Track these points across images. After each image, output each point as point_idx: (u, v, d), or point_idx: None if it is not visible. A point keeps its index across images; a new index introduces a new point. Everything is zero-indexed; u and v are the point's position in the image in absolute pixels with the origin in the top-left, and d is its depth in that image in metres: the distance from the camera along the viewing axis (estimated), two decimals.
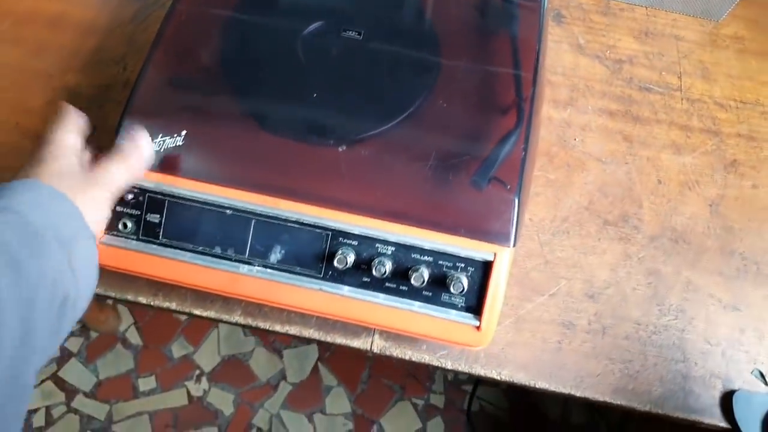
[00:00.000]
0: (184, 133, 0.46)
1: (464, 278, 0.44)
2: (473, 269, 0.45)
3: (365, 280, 0.45)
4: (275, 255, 0.46)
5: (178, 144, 0.46)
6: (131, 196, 0.46)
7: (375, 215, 0.45)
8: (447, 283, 0.44)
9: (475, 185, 0.46)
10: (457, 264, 0.45)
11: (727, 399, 0.51)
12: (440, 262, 0.45)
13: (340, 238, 0.45)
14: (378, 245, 0.45)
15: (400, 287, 0.45)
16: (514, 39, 0.53)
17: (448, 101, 0.49)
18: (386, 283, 0.45)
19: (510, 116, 0.49)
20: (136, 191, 0.46)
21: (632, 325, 0.54)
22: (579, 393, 0.51)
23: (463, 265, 0.45)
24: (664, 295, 0.55)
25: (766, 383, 0.52)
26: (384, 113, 0.48)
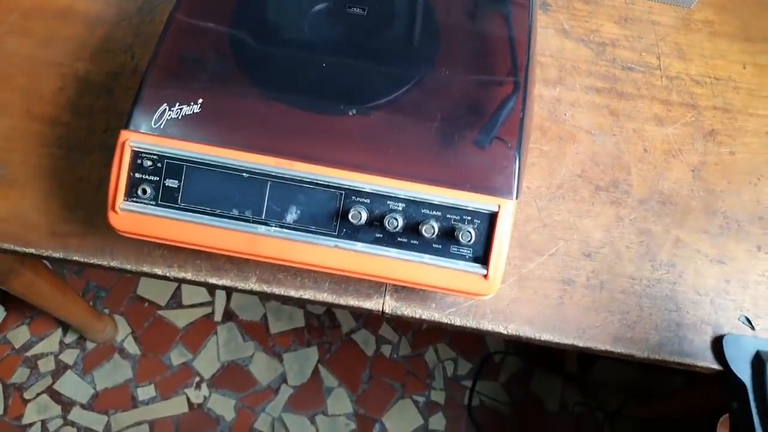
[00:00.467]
0: (201, 102, 0.49)
1: (471, 229, 0.47)
2: (479, 221, 0.47)
3: (378, 235, 0.48)
4: (291, 215, 0.48)
5: (195, 111, 0.49)
6: (150, 162, 0.48)
7: (385, 174, 0.48)
8: (455, 235, 0.47)
9: (479, 144, 0.49)
10: (464, 217, 0.47)
11: (718, 343, 0.54)
12: (448, 215, 0.48)
13: (353, 197, 0.48)
14: (389, 202, 0.48)
15: (411, 241, 0.48)
16: (508, 18, 0.57)
17: (450, 70, 0.52)
18: (398, 238, 0.48)
19: (508, 82, 0.52)
20: (154, 158, 0.48)
21: (627, 279, 0.57)
22: (581, 343, 0.54)
23: (470, 217, 0.47)
24: (656, 252, 0.58)
25: (753, 328, 0.56)
26: (391, 81, 0.51)
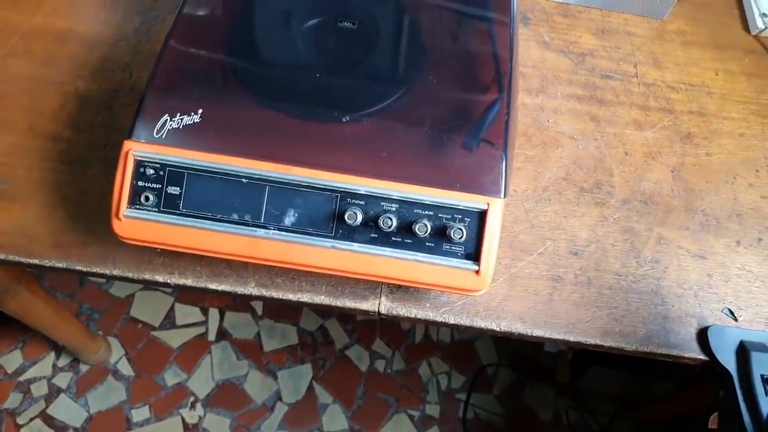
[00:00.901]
0: (201, 112, 0.51)
1: (463, 227, 0.49)
2: (470, 219, 0.50)
3: (373, 235, 0.50)
4: (289, 218, 0.50)
5: (195, 121, 0.51)
6: (152, 171, 0.50)
7: (379, 177, 0.50)
8: (447, 233, 0.49)
9: (467, 146, 0.51)
10: (455, 215, 0.50)
11: (703, 334, 0.57)
12: (440, 214, 0.50)
13: (349, 199, 0.50)
14: (383, 203, 0.50)
15: (405, 240, 0.50)
16: (491, 29, 0.60)
17: (438, 79, 0.55)
18: (393, 237, 0.50)
19: (493, 89, 0.55)
20: (157, 166, 0.50)
21: (614, 276, 0.59)
22: (572, 338, 0.56)
23: (460, 216, 0.50)
24: (640, 249, 0.61)
25: (735, 319, 0.58)
26: (382, 90, 0.54)
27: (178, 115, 0.51)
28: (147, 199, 0.50)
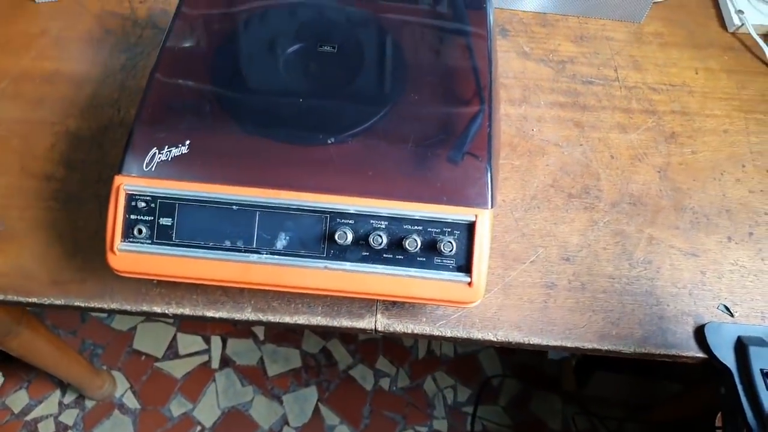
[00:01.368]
0: (188, 143, 0.52)
1: (452, 240, 0.49)
2: (459, 232, 0.50)
3: (364, 254, 0.50)
4: (281, 241, 0.51)
5: (183, 152, 0.52)
6: (144, 204, 0.51)
7: (367, 195, 0.50)
8: (437, 247, 0.50)
9: (452, 160, 0.52)
10: (444, 229, 0.50)
11: (700, 332, 0.57)
12: (429, 229, 0.50)
13: (338, 219, 0.50)
14: (372, 221, 0.50)
15: (397, 256, 0.50)
16: (469, 44, 0.61)
17: (420, 96, 0.56)
18: (384, 254, 0.50)
19: (474, 102, 0.56)
20: (148, 199, 0.51)
21: (607, 279, 0.59)
22: (569, 344, 0.56)
23: (449, 229, 0.50)
24: (632, 251, 0.61)
25: (731, 315, 0.58)
26: (365, 110, 0.55)
27: (166, 147, 0.52)
28: (140, 231, 0.51)
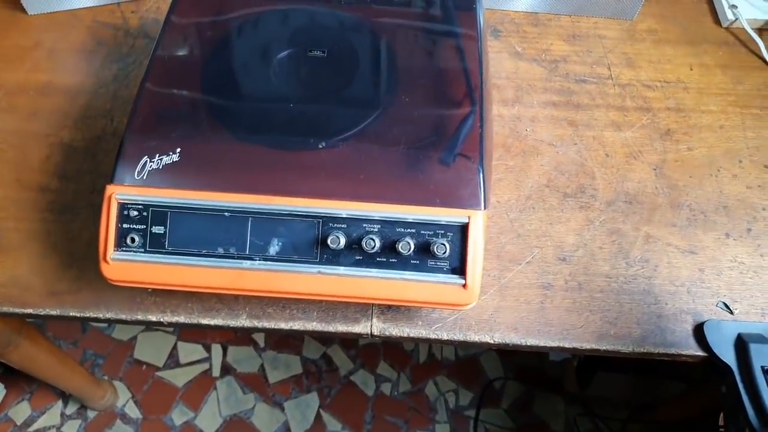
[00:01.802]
0: (179, 150, 0.52)
1: (446, 242, 0.49)
2: (452, 233, 0.50)
3: (358, 258, 0.50)
4: (274, 247, 0.50)
5: (174, 160, 0.52)
6: (136, 212, 0.51)
7: (359, 199, 0.50)
8: (431, 250, 0.49)
9: (444, 162, 0.52)
10: (438, 231, 0.50)
11: (699, 330, 0.56)
12: (422, 231, 0.50)
13: (330, 223, 0.50)
14: (365, 225, 0.50)
15: (390, 260, 0.50)
16: (459, 45, 0.61)
17: (410, 99, 0.56)
18: (377, 258, 0.50)
19: (465, 103, 0.56)
20: (140, 207, 0.51)
21: (604, 279, 0.59)
22: (567, 344, 0.56)
23: (442, 231, 0.50)
24: (628, 250, 0.61)
25: (731, 312, 0.58)
26: (356, 114, 0.54)
27: (157, 155, 0.52)
28: (133, 240, 0.51)
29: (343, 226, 0.50)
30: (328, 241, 0.49)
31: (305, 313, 0.57)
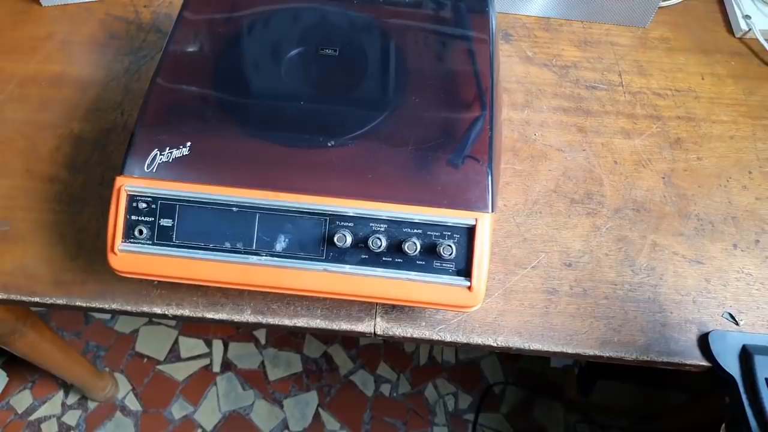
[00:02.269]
0: (189, 144, 0.52)
1: (452, 244, 0.49)
2: (459, 235, 0.50)
3: (364, 256, 0.50)
4: (280, 244, 0.51)
5: (184, 154, 0.52)
6: (144, 205, 0.51)
7: (366, 198, 0.50)
8: (437, 251, 0.49)
9: (452, 163, 0.52)
10: (444, 232, 0.50)
11: (704, 340, 0.56)
12: (429, 232, 0.50)
13: (337, 222, 0.50)
14: (372, 224, 0.50)
15: (396, 259, 0.50)
16: (471, 48, 0.61)
17: (421, 100, 0.56)
18: (383, 257, 0.50)
19: (475, 106, 0.56)
20: (149, 200, 0.51)
21: (609, 285, 0.59)
22: (570, 350, 0.56)
23: (449, 232, 0.50)
24: (634, 258, 0.61)
25: (737, 323, 0.57)
26: (366, 113, 0.55)
27: (167, 149, 0.52)
28: (141, 232, 0.51)
29: (350, 224, 0.50)
30: (335, 239, 0.49)
31: (309, 310, 0.57)
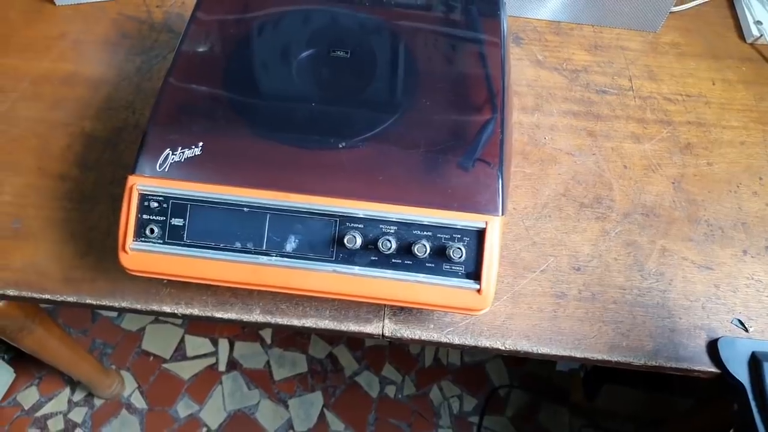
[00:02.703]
0: (201, 145, 0.52)
1: (462, 247, 0.49)
2: (469, 238, 0.50)
3: (373, 258, 0.50)
4: (290, 244, 0.51)
5: (196, 154, 0.52)
6: (156, 204, 0.51)
7: (377, 200, 0.50)
8: (447, 254, 0.49)
9: (463, 166, 0.52)
10: (454, 235, 0.50)
11: (713, 346, 0.56)
12: (439, 234, 0.50)
13: (348, 223, 0.50)
14: (382, 226, 0.50)
15: (405, 261, 0.50)
16: (482, 51, 0.61)
17: (432, 102, 0.56)
18: (392, 259, 0.50)
19: (486, 109, 0.56)
20: (160, 199, 0.51)
21: (618, 290, 0.59)
22: (579, 354, 0.55)
23: (459, 235, 0.50)
24: (643, 262, 0.60)
25: (746, 330, 0.57)
26: (377, 115, 0.55)
27: (179, 148, 0.52)
28: (152, 231, 0.51)
29: (360, 226, 0.50)
30: (345, 241, 0.50)
31: (318, 310, 0.57)
